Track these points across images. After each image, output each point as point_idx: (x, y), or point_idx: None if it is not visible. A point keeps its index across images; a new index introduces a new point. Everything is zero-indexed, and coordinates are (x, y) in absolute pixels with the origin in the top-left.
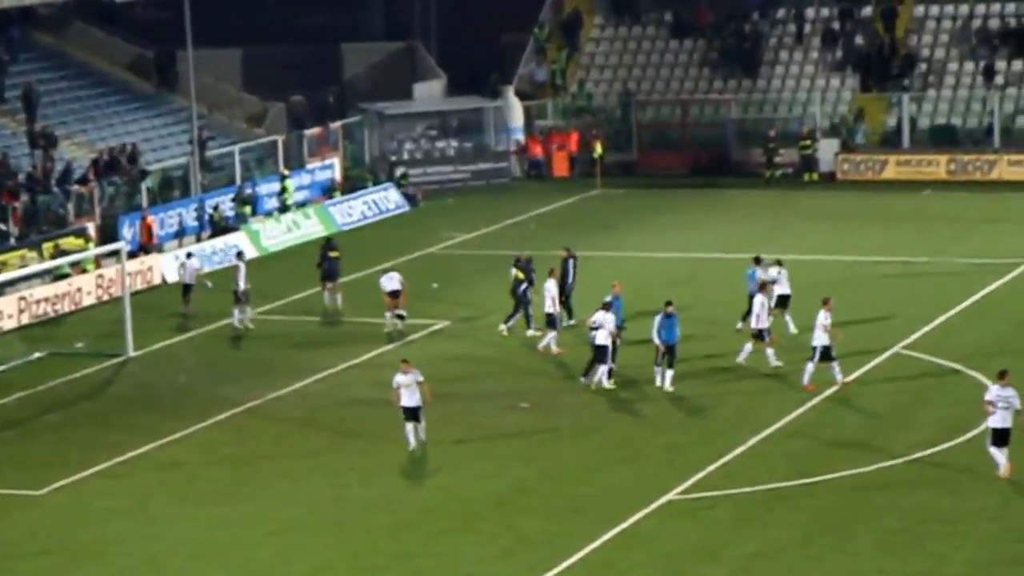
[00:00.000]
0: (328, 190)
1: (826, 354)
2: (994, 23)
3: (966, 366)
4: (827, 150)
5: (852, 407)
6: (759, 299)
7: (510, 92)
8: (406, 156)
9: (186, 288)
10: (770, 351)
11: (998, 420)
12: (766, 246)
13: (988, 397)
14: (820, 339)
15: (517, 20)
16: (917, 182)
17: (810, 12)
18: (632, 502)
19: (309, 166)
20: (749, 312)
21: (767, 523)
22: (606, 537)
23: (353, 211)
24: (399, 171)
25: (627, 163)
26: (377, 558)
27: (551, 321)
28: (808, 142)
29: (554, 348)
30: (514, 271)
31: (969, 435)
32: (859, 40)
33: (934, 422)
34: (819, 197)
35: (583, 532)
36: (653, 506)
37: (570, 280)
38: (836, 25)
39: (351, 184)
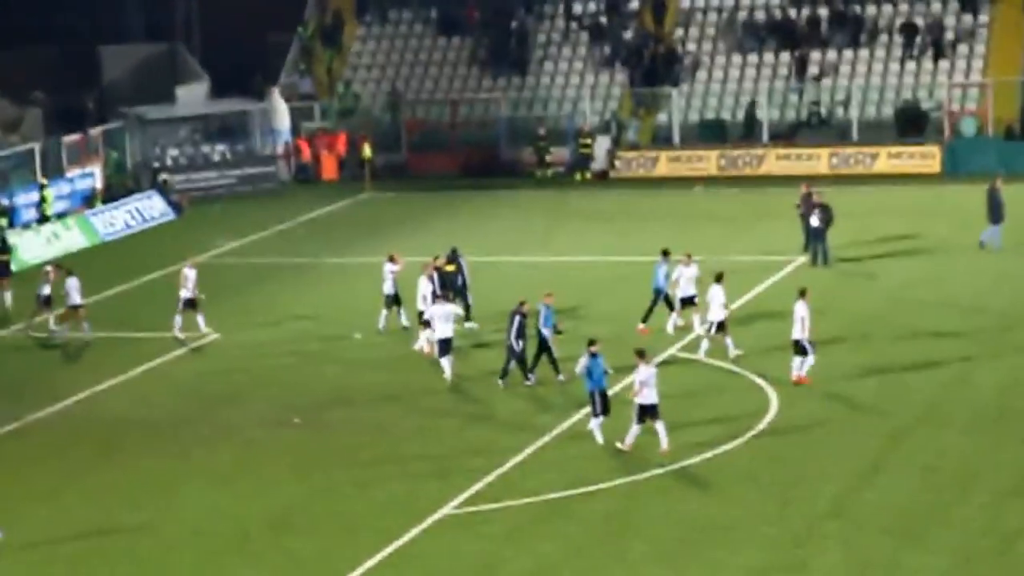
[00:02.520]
0: (89, 199)
1: (800, 348)
2: (760, 15)
3: (741, 367)
4: (599, 148)
5: (626, 413)
6: (715, 289)
7: (276, 94)
8: (170, 162)
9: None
10: (729, 339)
11: (648, 397)
12: (541, 247)
13: (639, 378)
14: (797, 333)
15: (281, 20)
16: (689, 178)
17: (578, 7)
18: (406, 519)
19: (69, 174)
20: (651, 310)
21: (543, 536)
22: (380, 556)
23: (116, 220)
24: (162, 177)
25: (397, 165)
26: None
27: (424, 320)
28: (587, 140)
29: (426, 348)
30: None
31: (746, 436)
32: (627, 35)
33: (710, 424)
34: (593, 196)
35: (357, 551)
36: (427, 522)
37: (461, 281)
38: (604, 20)
39: (113, 192)
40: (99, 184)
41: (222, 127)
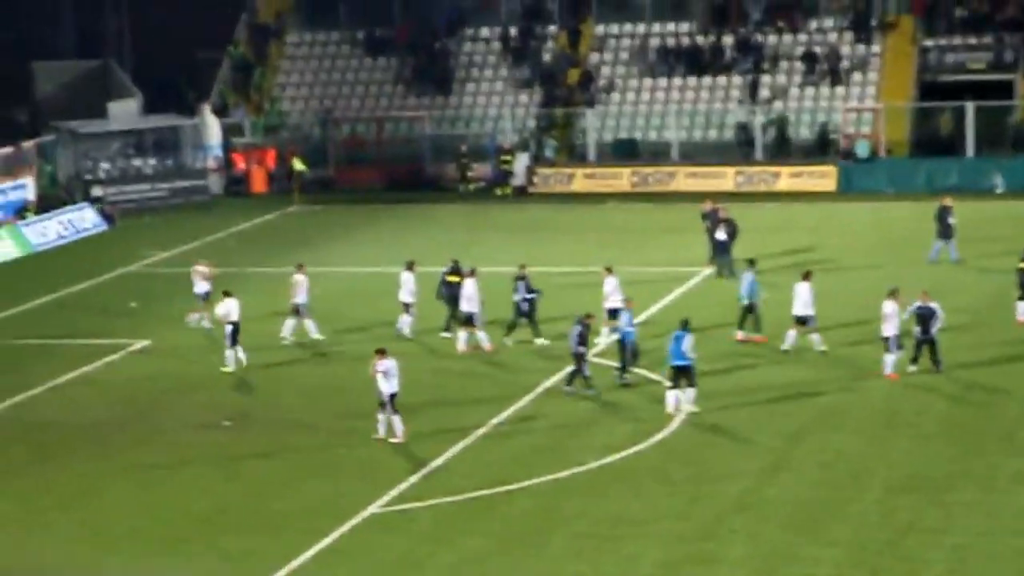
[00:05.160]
0: (21, 210)
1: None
2: (671, 41)
3: (652, 372)
4: (519, 164)
5: (546, 415)
6: (802, 286)
7: (207, 109)
8: (102, 175)
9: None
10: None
11: (391, 387)
12: (462, 258)
13: (381, 368)
14: (890, 329)
15: (212, 37)
16: (602, 194)
17: (498, 30)
18: (334, 517)
19: (1, 186)
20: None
21: (466, 532)
22: (309, 553)
23: (48, 231)
24: (95, 191)
25: (325, 179)
26: None
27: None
28: (508, 157)
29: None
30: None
31: (656, 438)
32: (545, 57)
33: (623, 427)
34: (512, 210)
35: (286, 549)
36: (355, 520)
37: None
38: (522, 43)
39: (46, 204)
40: (32, 195)
41: (155, 141)
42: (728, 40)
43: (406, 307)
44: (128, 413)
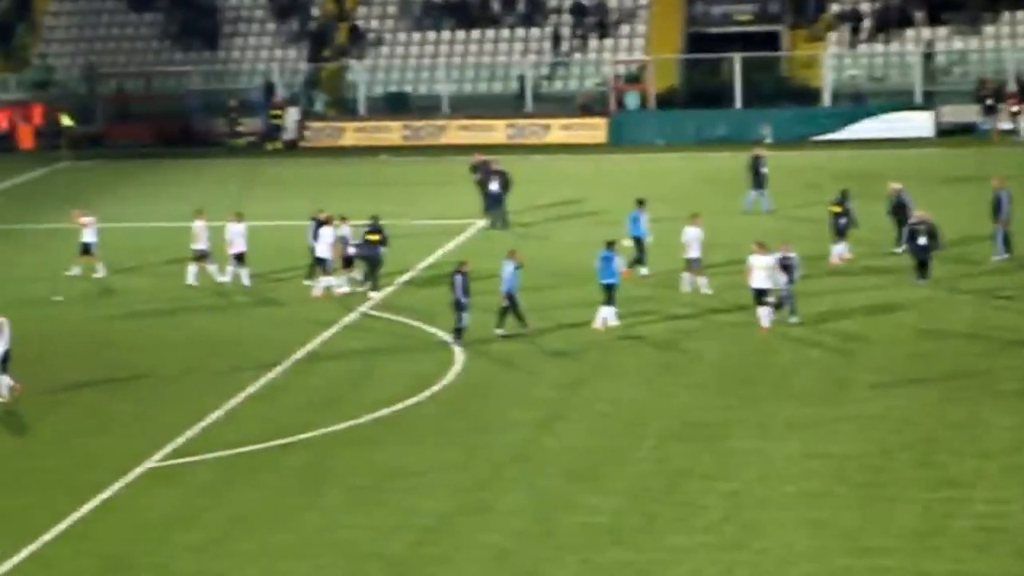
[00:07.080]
0: None
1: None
2: None
3: (428, 323)
4: (289, 118)
5: (322, 369)
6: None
7: None
8: None
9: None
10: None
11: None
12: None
13: None
14: (761, 281)
15: None
16: (374, 147)
17: None
18: (109, 472)
19: None
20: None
21: (243, 486)
22: (85, 509)
23: None
24: None
25: (94, 135)
26: None
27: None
28: (279, 111)
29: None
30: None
31: (433, 389)
32: (313, 12)
33: (399, 379)
34: (283, 164)
35: (60, 505)
36: (131, 475)
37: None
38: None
39: None
40: None
41: None
42: None
43: (200, 256)
44: None
